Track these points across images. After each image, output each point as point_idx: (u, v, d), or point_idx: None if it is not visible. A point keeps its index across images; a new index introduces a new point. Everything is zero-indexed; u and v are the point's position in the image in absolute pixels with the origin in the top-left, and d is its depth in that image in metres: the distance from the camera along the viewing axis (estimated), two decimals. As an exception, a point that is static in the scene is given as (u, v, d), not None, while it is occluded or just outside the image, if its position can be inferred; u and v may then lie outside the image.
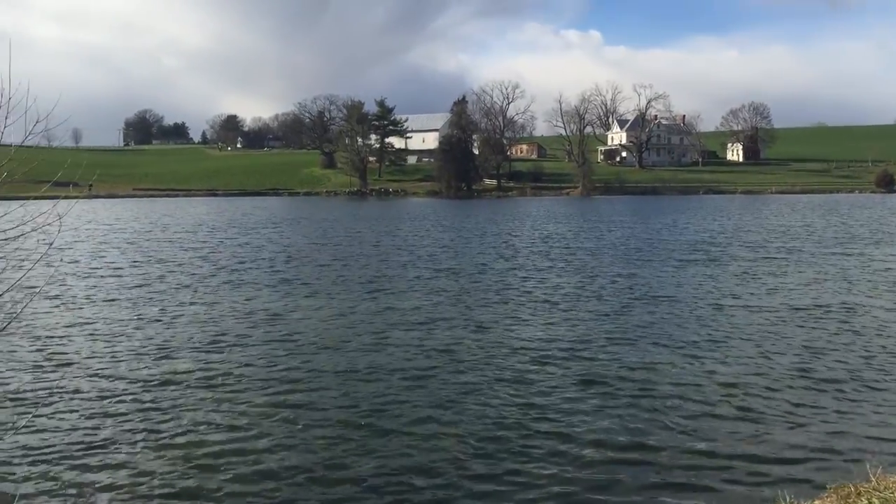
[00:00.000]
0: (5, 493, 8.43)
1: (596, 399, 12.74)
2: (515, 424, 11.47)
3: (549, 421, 11.62)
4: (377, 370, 14.43)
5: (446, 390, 13.19)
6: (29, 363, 14.60)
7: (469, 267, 30.76)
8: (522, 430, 11.22)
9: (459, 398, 12.71)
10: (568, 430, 11.23)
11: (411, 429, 11.26)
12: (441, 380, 13.85)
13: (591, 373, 14.30)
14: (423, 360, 15.16)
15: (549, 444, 10.68)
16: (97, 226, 55.65)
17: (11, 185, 5.56)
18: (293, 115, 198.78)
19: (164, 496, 8.96)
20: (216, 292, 24.15)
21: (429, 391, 13.13)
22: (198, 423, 11.40)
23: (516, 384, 13.58)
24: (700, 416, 11.92)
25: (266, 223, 61.19)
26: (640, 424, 11.51)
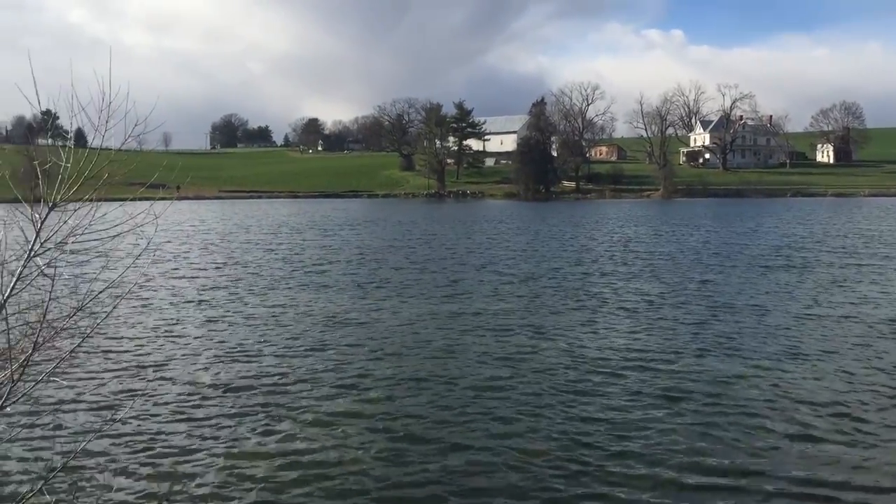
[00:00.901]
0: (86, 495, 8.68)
1: (676, 416, 12.07)
2: (592, 442, 10.88)
3: (629, 440, 10.96)
4: (449, 378, 14.15)
5: (519, 403, 12.77)
6: (114, 364, 15.06)
7: (546, 271, 30.43)
8: (600, 449, 10.57)
9: (533, 411, 12.25)
10: (647, 450, 10.53)
11: (484, 442, 10.89)
12: (514, 391, 13.44)
13: (670, 387, 13.65)
14: (497, 370, 14.79)
15: (629, 465, 10.05)
16: (184, 227, 57.47)
17: (110, 187, 5.76)
18: (373, 118, 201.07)
19: (243, 499, 9.08)
20: (294, 294, 24.58)
21: (501, 403, 12.74)
22: (274, 427, 11.47)
23: (591, 396, 13.10)
24: (792, 437, 11.10)
25: (344, 225, 62.14)
26: (726, 445, 10.77)
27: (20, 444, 9.84)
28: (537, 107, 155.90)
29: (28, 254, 5.01)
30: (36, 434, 10.45)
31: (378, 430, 11.37)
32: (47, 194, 5.27)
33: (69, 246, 5.10)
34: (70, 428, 10.99)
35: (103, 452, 10.08)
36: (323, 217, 74.33)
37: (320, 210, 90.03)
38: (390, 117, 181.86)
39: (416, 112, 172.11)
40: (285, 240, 46.86)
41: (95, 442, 10.06)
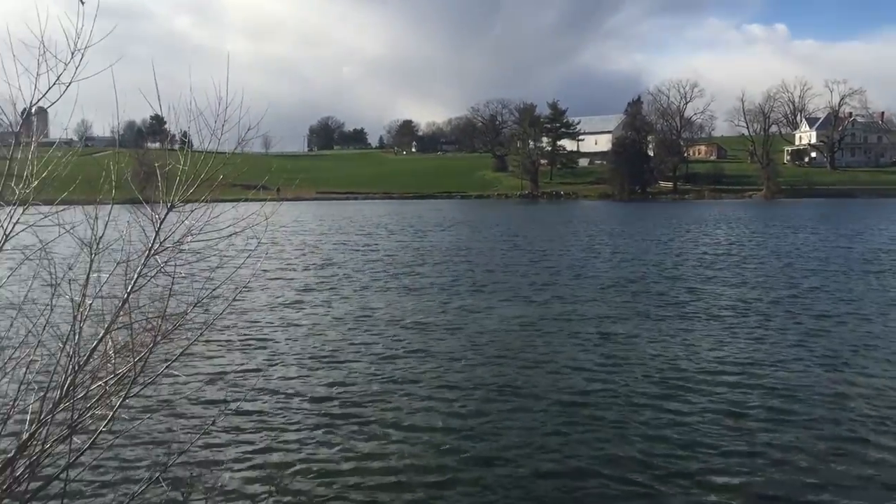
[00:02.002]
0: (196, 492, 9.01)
1: (781, 439, 11.12)
2: (683, 469, 10.08)
3: (729, 474, 9.87)
4: (539, 386, 13.78)
5: (610, 412, 12.22)
6: (222, 361, 15.61)
7: (641, 275, 29.78)
8: (690, 478, 9.80)
9: (620, 429, 11.53)
10: (753, 479, 9.79)
11: (573, 450, 10.62)
12: (604, 400, 12.90)
13: (764, 403, 12.74)
14: (587, 378, 14.24)
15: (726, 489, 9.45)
16: (284, 228, 59.08)
17: (218, 188, 6.01)
18: (466, 119, 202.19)
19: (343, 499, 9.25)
20: (388, 297, 24.90)
21: (591, 412, 12.25)
22: (372, 431, 11.48)
23: (678, 413, 12.30)
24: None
25: (437, 226, 62.61)
26: (843, 481, 9.76)
27: (138, 436, 10.33)
28: (633, 106, 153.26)
29: (148, 252, 5.29)
30: (153, 426, 10.95)
31: (465, 436, 11.20)
32: (165, 196, 5.56)
33: (186, 245, 5.37)
34: (184, 421, 11.46)
35: (214, 446, 10.45)
36: (416, 218, 75.13)
37: (414, 211, 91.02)
38: (483, 118, 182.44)
39: (510, 113, 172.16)
40: (379, 241, 47.59)
41: (207, 436, 10.41)
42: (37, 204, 5.03)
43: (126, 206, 5.91)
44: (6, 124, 6.84)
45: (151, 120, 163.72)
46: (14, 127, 5.41)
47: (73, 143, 5.89)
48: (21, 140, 5.24)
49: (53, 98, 5.15)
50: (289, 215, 79.81)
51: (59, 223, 5.11)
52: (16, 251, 5.09)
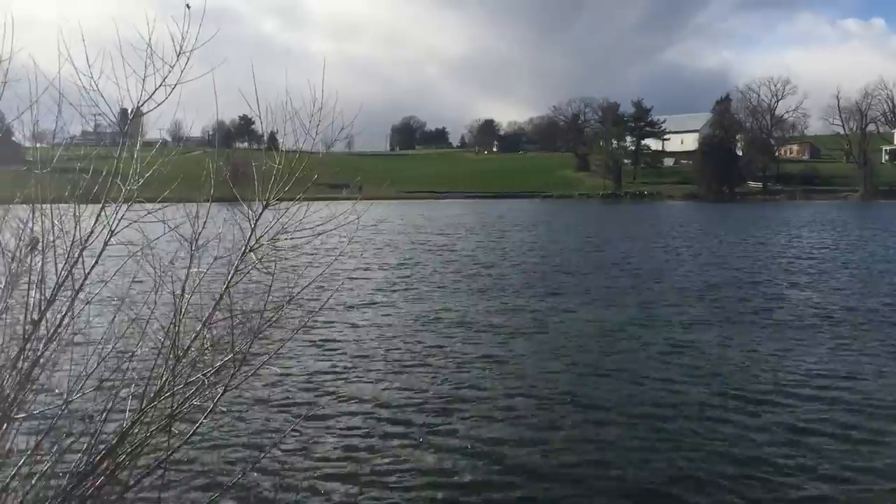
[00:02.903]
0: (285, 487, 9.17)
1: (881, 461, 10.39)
2: (762, 492, 9.50)
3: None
4: (613, 398, 13.20)
5: (684, 435, 11.43)
6: (312, 358, 15.92)
7: (728, 280, 28.84)
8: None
9: (700, 446, 10.89)
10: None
11: (647, 481, 10.06)
12: (681, 419, 12.20)
13: (853, 422, 11.94)
14: (664, 393, 13.55)
15: None
16: (368, 227, 59.72)
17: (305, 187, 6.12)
18: (548, 119, 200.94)
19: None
20: (467, 298, 24.95)
21: (668, 432, 11.53)
22: (442, 440, 11.25)
23: (761, 430, 11.59)
24: None
25: (517, 226, 62.37)
26: None
27: (232, 429, 10.64)
28: (721, 104, 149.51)
29: (244, 249, 5.43)
30: (246, 420, 11.26)
31: (537, 449, 10.88)
32: (261, 194, 5.69)
33: (281, 242, 5.49)
34: (275, 416, 11.74)
35: (304, 441, 10.66)
36: (496, 218, 75.04)
37: (494, 211, 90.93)
38: (566, 117, 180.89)
39: (593, 112, 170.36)
40: (459, 241, 47.73)
41: (296, 431, 10.62)
42: (140, 201, 5.22)
43: (223, 205, 6.08)
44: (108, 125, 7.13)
45: (240, 120, 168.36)
46: (122, 127, 5.64)
47: (169, 143, 6.10)
48: (125, 140, 5.45)
49: (159, 99, 5.34)
50: (371, 215, 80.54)
51: (161, 220, 5.29)
52: (120, 246, 5.29)
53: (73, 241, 4.86)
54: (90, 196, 5.26)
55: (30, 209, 4.92)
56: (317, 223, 5.99)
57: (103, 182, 5.28)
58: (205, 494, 7.75)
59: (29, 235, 4.75)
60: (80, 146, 6.71)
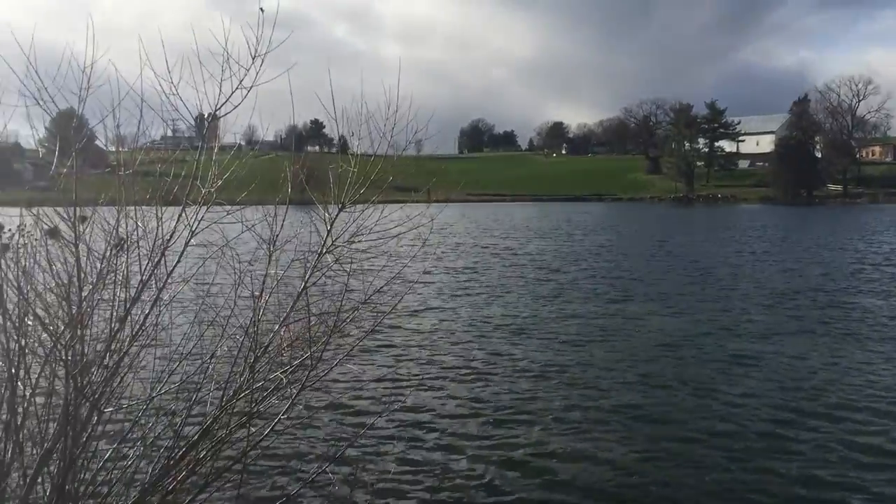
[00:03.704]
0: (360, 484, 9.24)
1: None
2: None
3: None
4: (685, 412, 12.58)
5: (763, 457, 10.88)
6: (378, 361, 16.01)
7: (807, 288, 27.71)
8: None
9: (781, 470, 10.24)
10: None
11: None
12: (760, 440, 11.63)
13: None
14: (740, 409, 12.84)
15: None
16: (437, 229, 59.90)
17: (376, 190, 6.18)
18: (618, 121, 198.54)
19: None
20: (537, 303, 24.73)
21: (744, 451, 10.89)
22: (509, 453, 10.96)
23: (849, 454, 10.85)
24: None
25: (587, 230, 61.67)
26: None
27: (309, 425, 10.79)
28: (799, 104, 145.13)
29: (321, 250, 5.51)
30: (323, 417, 11.41)
31: (604, 466, 10.45)
32: (336, 197, 5.77)
33: (356, 244, 5.55)
34: (350, 414, 11.87)
35: (380, 439, 10.74)
36: (565, 221, 74.34)
37: (562, 214, 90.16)
38: (636, 119, 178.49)
39: (665, 113, 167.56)
40: (526, 244, 47.46)
41: (373, 430, 10.68)
42: (220, 203, 5.35)
43: (298, 207, 6.17)
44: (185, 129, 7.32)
45: (311, 124, 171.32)
46: (200, 131, 5.79)
47: (242, 146, 6.22)
48: (204, 143, 5.58)
49: (236, 102, 5.47)
50: (440, 218, 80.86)
51: (239, 221, 5.41)
52: (200, 247, 5.43)
53: (155, 241, 5.01)
54: (171, 198, 5.41)
55: (115, 211, 5.09)
56: (390, 225, 6.05)
57: (183, 184, 5.42)
58: (281, 491, 7.90)
59: (115, 236, 4.91)
60: (160, 149, 6.93)
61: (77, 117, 5.05)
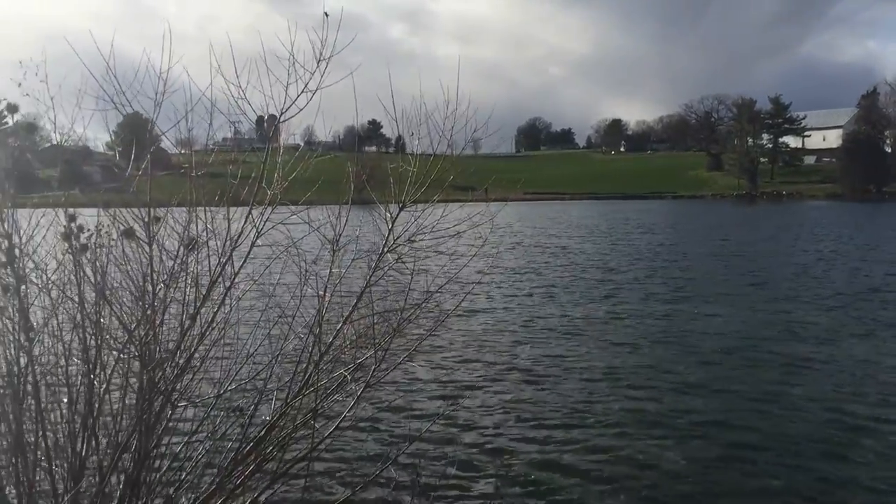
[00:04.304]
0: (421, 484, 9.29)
1: None
2: None
3: None
4: (756, 423, 11.89)
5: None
6: (438, 360, 16.05)
7: (878, 288, 26.86)
8: None
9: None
10: None
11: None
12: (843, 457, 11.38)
13: None
14: (800, 420, 12.32)
15: None
16: (496, 228, 59.71)
17: (436, 189, 6.22)
18: (678, 117, 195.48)
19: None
20: (592, 304, 24.48)
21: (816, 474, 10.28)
22: (574, 454, 10.94)
23: None
24: None
25: (646, 228, 60.75)
26: None
27: (372, 423, 10.92)
28: (868, 98, 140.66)
29: (382, 249, 5.58)
30: (386, 415, 11.52)
31: (667, 479, 10.27)
32: (397, 196, 5.83)
33: (417, 243, 5.61)
34: (412, 412, 11.94)
35: (439, 441, 10.77)
36: (623, 221, 73.36)
37: (621, 212, 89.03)
38: (697, 115, 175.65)
39: (727, 109, 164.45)
40: (585, 243, 47.02)
41: (432, 431, 10.68)
42: (285, 203, 5.47)
43: (359, 207, 6.26)
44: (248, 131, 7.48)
45: (369, 124, 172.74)
46: (266, 133, 5.91)
47: (301, 147, 6.34)
48: (269, 145, 5.70)
49: (301, 105, 5.58)
50: (497, 217, 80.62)
51: (304, 221, 5.51)
52: (266, 247, 5.55)
53: (224, 241, 5.15)
54: (238, 199, 5.55)
55: (186, 212, 5.24)
56: (450, 224, 6.09)
57: (249, 186, 5.55)
58: (344, 489, 8.01)
59: (186, 237, 5.06)
60: (225, 151, 7.09)
61: (151, 121, 5.22)
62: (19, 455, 4.61)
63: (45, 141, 6.64)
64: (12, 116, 4.73)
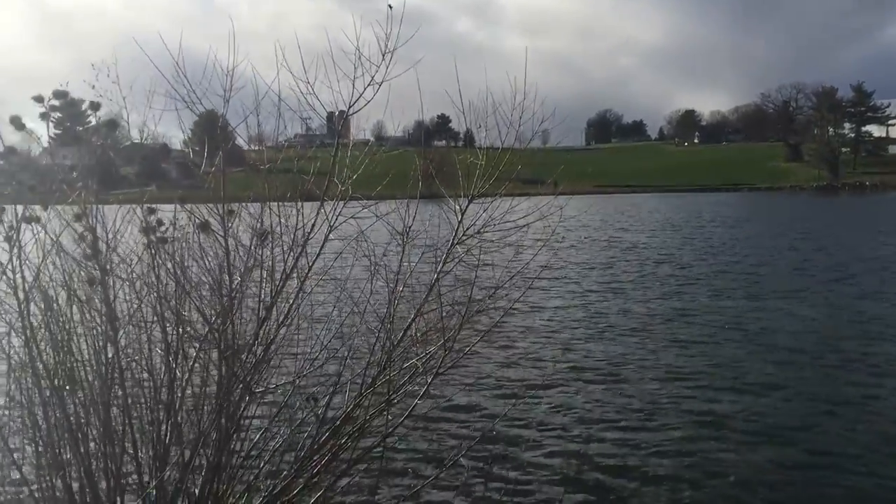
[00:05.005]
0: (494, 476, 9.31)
1: None
2: None
3: None
4: (820, 427, 11.44)
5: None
6: (508, 351, 15.99)
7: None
8: None
9: None
10: None
11: None
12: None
13: None
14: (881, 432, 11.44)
15: None
16: (565, 221, 59.15)
17: (502, 181, 6.23)
18: (754, 106, 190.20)
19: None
20: (663, 301, 24.04)
21: None
22: (647, 462, 10.90)
23: None
24: None
25: (718, 222, 59.34)
26: None
27: (444, 413, 10.99)
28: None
29: (451, 241, 5.63)
30: (457, 405, 11.58)
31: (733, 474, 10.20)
32: (465, 189, 5.87)
33: (485, 235, 5.63)
34: (482, 404, 11.97)
35: (510, 431, 10.77)
36: (695, 215, 71.61)
37: (694, 205, 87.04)
38: (775, 104, 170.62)
39: (806, 98, 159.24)
40: (656, 238, 46.16)
41: (503, 423, 10.70)
42: (356, 198, 5.56)
43: (428, 201, 6.31)
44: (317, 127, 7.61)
45: (437, 119, 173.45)
46: (336, 127, 6.02)
47: (371, 142, 6.42)
48: (339, 140, 5.80)
49: (368, 97, 5.66)
50: (566, 210, 79.86)
51: (375, 215, 5.60)
52: (337, 240, 5.66)
53: (297, 235, 5.27)
54: (309, 194, 5.67)
55: (259, 207, 5.39)
56: (518, 217, 6.09)
57: (320, 180, 5.67)
58: (416, 478, 8.09)
59: (260, 230, 5.21)
60: (295, 147, 7.24)
61: (222, 118, 5.38)
62: (107, 443, 4.82)
63: (124, 139, 6.90)
64: (95, 115, 4.94)
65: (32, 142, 5.03)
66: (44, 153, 5.25)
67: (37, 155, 5.36)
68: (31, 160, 5.27)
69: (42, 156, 5.30)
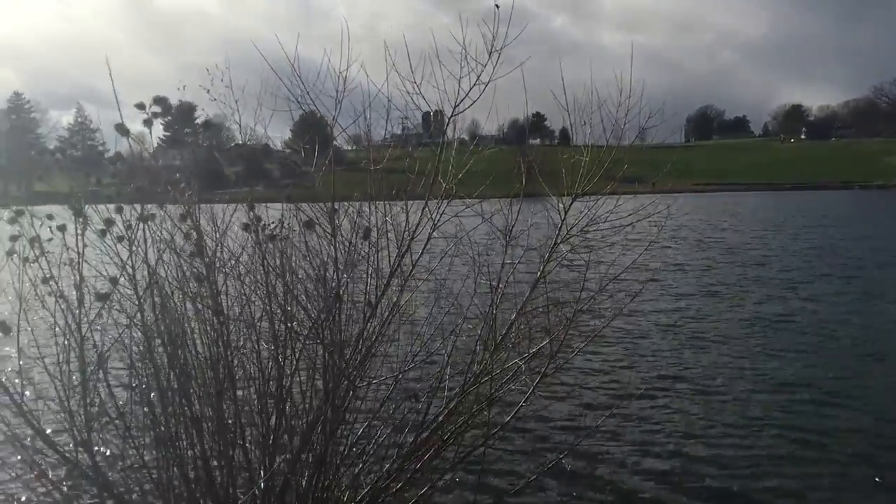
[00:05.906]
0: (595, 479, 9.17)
1: None
2: None
3: None
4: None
5: None
6: (613, 353, 15.69)
7: None
8: None
9: None
10: None
11: None
12: None
13: None
14: None
15: None
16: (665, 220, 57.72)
17: (606, 180, 6.12)
18: (866, 100, 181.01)
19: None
20: (763, 305, 23.15)
21: None
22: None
23: None
24: None
25: (827, 222, 56.69)
26: None
27: (546, 414, 10.91)
28: None
29: (555, 240, 5.57)
30: (559, 406, 11.48)
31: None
32: (569, 188, 5.79)
33: (590, 234, 5.55)
34: (584, 406, 11.80)
35: (615, 434, 10.58)
36: (802, 214, 68.42)
37: (803, 204, 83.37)
38: (889, 98, 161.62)
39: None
40: (758, 239, 44.43)
41: (609, 423, 10.54)
42: (460, 196, 5.57)
43: (530, 199, 6.26)
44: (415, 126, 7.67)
45: (533, 117, 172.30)
46: (439, 127, 6.05)
47: (476, 140, 6.42)
48: (444, 140, 5.83)
49: (474, 97, 5.65)
50: (666, 209, 77.84)
51: (478, 213, 5.60)
52: (440, 238, 5.69)
53: (402, 233, 5.33)
54: (411, 193, 5.72)
55: (365, 206, 5.47)
56: (624, 215, 5.97)
57: (425, 179, 5.70)
58: (519, 478, 8.04)
59: (366, 229, 5.29)
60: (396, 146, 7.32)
61: (334, 119, 5.48)
62: (221, 434, 4.99)
63: (230, 141, 7.13)
64: (203, 117, 5.13)
65: (143, 145, 5.26)
66: (155, 154, 5.47)
67: (148, 156, 5.59)
68: (143, 161, 5.51)
69: (153, 156, 5.53)
